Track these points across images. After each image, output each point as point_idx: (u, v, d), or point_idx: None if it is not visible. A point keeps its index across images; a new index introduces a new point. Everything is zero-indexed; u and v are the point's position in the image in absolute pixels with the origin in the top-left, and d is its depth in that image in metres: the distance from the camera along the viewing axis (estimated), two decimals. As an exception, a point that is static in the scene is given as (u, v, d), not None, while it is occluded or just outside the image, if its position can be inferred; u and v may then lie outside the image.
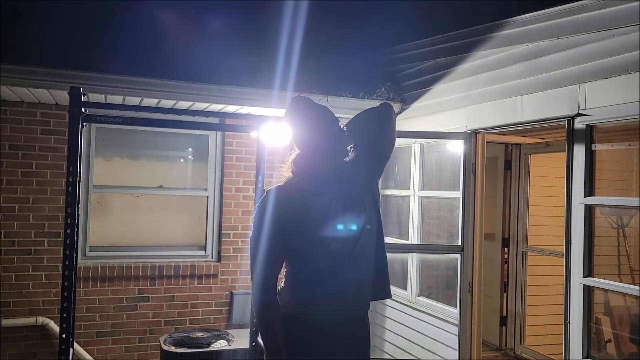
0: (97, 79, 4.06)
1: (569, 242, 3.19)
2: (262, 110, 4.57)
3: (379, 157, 2.28)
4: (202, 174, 5.34)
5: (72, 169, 3.08)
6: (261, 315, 2.02)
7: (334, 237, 2.04)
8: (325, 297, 2.05)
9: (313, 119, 2.12)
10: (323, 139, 2.12)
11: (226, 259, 5.25)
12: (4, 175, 4.59)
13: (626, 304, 3.80)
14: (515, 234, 5.42)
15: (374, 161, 2.26)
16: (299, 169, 2.14)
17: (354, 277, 2.08)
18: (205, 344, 4.26)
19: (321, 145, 2.12)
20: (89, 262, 4.86)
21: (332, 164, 2.14)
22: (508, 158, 5.47)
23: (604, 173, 3.27)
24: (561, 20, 3.26)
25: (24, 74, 3.92)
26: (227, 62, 4.57)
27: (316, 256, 2.05)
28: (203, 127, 5.16)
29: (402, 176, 5.03)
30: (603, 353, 3.74)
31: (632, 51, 2.83)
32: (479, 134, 4.04)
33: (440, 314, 4.32)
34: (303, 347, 2.05)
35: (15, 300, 4.62)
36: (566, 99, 3.24)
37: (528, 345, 5.25)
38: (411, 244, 4.71)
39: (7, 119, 4.60)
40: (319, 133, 2.11)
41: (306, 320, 2.06)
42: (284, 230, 2.02)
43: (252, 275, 2.05)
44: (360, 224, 2.10)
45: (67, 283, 3.05)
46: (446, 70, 4.33)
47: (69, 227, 3.08)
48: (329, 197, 2.09)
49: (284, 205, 2.04)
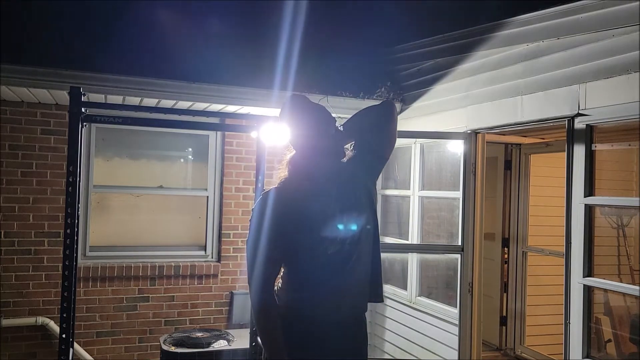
0: (97, 79, 4.06)
1: (569, 242, 3.19)
2: (262, 110, 4.57)
3: (378, 158, 2.25)
4: (202, 174, 5.34)
5: (72, 169, 3.09)
6: (260, 316, 2.01)
7: (332, 238, 2.03)
8: (323, 298, 2.04)
9: (310, 118, 2.09)
10: (320, 139, 2.08)
11: (226, 259, 5.25)
12: (4, 175, 4.59)
13: (626, 304, 3.80)
14: (515, 234, 5.42)
15: (373, 162, 2.23)
16: (295, 169, 2.12)
17: (352, 278, 2.06)
18: (205, 344, 4.26)
19: (318, 145, 2.09)
20: (89, 262, 4.86)
21: (329, 164, 2.11)
22: (508, 158, 5.47)
23: (604, 173, 3.27)
24: (561, 20, 3.26)
25: (24, 74, 3.92)
26: (227, 62, 4.57)
27: (314, 257, 2.04)
28: (203, 127, 5.16)
29: (402, 176, 5.04)
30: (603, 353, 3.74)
31: (632, 51, 2.83)
32: (479, 134, 4.04)
33: (440, 314, 4.32)
34: (302, 349, 2.05)
35: (15, 300, 4.62)
36: (566, 99, 3.24)
37: (528, 345, 5.25)
38: (411, 244, 4.71)
39: (7, 119, 4.60)
40: (315, 133, 2.08)
41: (304, 322, 2.06)
42: (282, 231, 2.00)
43: (249, 277, 2.03)
44: (359, 225, 2.08)
45: (67, 283, 3.05)
46: (446, 70, 4.33)
47: (69, 227, 3.08)
48: (327, 197, 2.07)
49: (282, 207, 2.02)
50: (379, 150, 2.23)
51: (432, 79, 4.52)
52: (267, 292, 2.01)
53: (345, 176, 2.14)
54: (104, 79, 4.09)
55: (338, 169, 2.14)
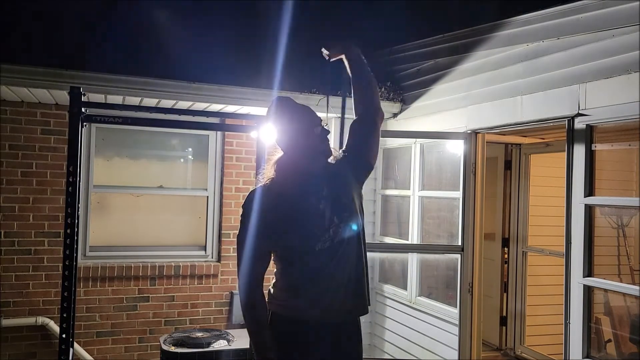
0: (97, 79, 4.06)
1: (569, 242, 3.19)
2: (262, 110, 4.52)
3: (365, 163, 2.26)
4: (202, 174, 5.34)
5: (72, 169, 3.09)
6: (246, 313, 2.03)
7: (319, 237, 2.04)
8: (312, 297, 2.05)
9: (295, 119, 2.12)
10: (305, 139, 2.11)
11: (226, 259, 5.25)
12: (4, 175, 4.59)
13: (626, 304, 3.80)
14: (515, 234, 5.42)
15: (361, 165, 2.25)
16: (281, 167, 2.15)
17: (341, 277, 2.07)
18: (205, 344, 4.26)
19: (304, 145, 2.11)
20: (89, 262, 4.86)
21: (315, 162, 2.14)
22: (508, 158, 5.46)
23: (604, 173, 3.27)
24: (561, 20, 3.26)
25: (24, 74, 3.91)
26: (227, 62, 4.57)
27: (302, 256, 2.06)
28: (203, 127, 5.16)
29: (402, 176, 5.04)
30: (603, 353, 3.74)
31: (632, 51, 2.83)
32: (479, 134, 4.04)
33: (440, 314, 4.32)
34: (291, 347, 2.06)
35: (15, 300, 4.62)
36: (566, 99, 3.24)
37: (528, 345, 5.25)
38: (411, 244, 4.71)
39: (7, 119, 4.60)
40: (301, 133, 2.11)
41: (294, 320, 2.07)
42: (268, 228, 2.03)
43: (238, 273, 2.06)
44: (347, 224, 2.09)
45: (67, 283, 3.05)
46: (446, 70, 4.33)
47: (69, 227, 3.08)
48: (313, 196, 2.09)
49: (267, 204, 2.05)
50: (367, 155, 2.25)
51: (432, 79, 4.52)
52: (253, 288, 2.03)
53: (334, 175, 2.16)
54: (104, 79, 4.09)
55: (326, 167, 2.17)
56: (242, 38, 5.08)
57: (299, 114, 2.14)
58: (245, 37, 5.08)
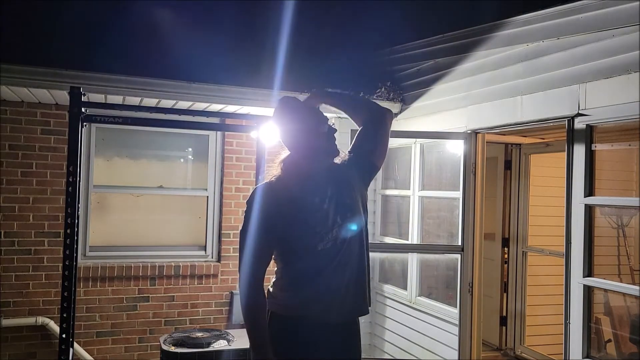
0: (97, 79, 4.05)
1: (569, 242, 3.19)
2: (262, 110, 4.57)
3: (371, 164, 2.25)
4: (202, 174, 5.34)
5: (72, 169, 3.09)
6: (247, 311, 2.02)
7: (321, 237, 2.04)
8: (312, 296, 2.05)
9: (301, 119, 2.12)
10: (311, 139, 2.11)
11: (226, 259, 5.25)
12: (4, 175, 4.59)
13: (626, 304, 3.81)
14: (515, 234, 5.42)
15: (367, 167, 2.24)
16: (287, 166, 2.15)
17: (342, 276, 2.07)
18: (205, 344, 4.26)
19: (310, 145, 2.11)
20: (89, 262, 4.86)
21: (321, 161, 2.14)
22: (508, 158, 5.47)
23: (604, 173, 3.27)
24: (561, 20, 3.26)
25: (24, 74, 3.91)
26: (227, 62, 4.57)
27: (304, 255, 2.06)
28: (203, 127, 5.16)
29: (402, 176, 5.04)
30: (603, 353, 3.75)
31: (632, 51, 2.83)
32: (479, 134, 4.05)
33: (440, 314, 4.33)
34: (290, 347, 2.06)
35: (15, 300, 4.62)
36: (566, 99, 3.24)
37: (528, 345, 5.25)
38: (411, 244, 4.71)
39: (7, 119, 4.60)
40: (307, 133, 2.11)
41: (294, 320, 2.07)
42: (270, 225, 2.02)
43: (239, 270, 2.06)
44: (350, 225, 2.09)
45: (67, 283, 3.05)
46: (446, 70, 4.33)
47: (69, 227, 3.08)
48: (317, 196, 2.09)
49: (271, 201, 2.05)
50: (372, 156, 2.24)
51: (432, 79, 4.52)
52: (253, 286, 2.02)
53: (339, 175, 2.16)
54: (104, 79, 4.08)
55: (331, 168, 2.17)
56: (242, 38, 5.08)
57: (305, 113, 2.14)
58: (245, 37, 5.09)
